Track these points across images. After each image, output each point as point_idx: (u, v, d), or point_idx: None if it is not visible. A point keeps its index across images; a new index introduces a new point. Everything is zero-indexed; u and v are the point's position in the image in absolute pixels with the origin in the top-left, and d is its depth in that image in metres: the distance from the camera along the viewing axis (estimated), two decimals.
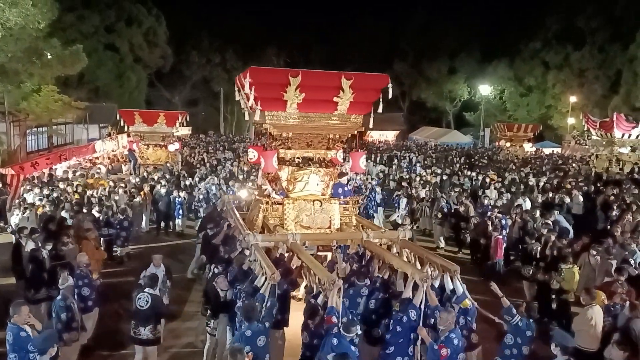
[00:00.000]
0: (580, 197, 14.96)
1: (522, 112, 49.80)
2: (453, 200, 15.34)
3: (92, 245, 9.86)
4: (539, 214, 12.88)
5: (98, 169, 20.86)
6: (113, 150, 25.91)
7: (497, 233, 11.55)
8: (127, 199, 14.40)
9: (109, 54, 39.01)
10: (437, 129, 51.77)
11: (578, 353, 6.09)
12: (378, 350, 6.18)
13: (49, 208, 12.77)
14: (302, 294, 7.81)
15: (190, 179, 18.78)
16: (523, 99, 50.14)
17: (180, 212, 15.30)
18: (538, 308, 6.58)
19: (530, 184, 18.55)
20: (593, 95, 43.57)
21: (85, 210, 12.42)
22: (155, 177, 18.14)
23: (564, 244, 10.36)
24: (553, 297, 8.24)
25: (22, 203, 13.21)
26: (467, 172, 22.79)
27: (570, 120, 43.77)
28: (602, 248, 9.84)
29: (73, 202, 13.28)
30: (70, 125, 33.11)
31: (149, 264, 8.34)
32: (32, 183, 16.02)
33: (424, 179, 20.16)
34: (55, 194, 14.28)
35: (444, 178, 20.63)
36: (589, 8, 42.83)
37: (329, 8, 57.45)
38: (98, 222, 12.06)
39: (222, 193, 15.80)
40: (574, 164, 27.57)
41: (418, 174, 22.88)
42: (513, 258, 11.87)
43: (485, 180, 19.51)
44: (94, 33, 37.75)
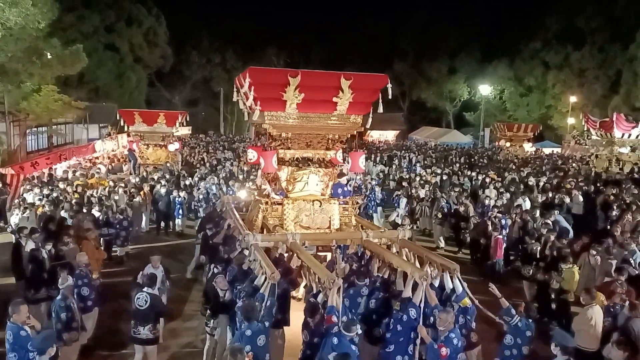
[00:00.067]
0: (580, 197, 14.95)
1: (522, 112, 49.80)
2: (453, 200, 15.34)
3: (92, 245, 9.85)
4: (539, 214, 12.91)
5: (98, 169, 20.84)
6: (113, 150, 25.92)
7: (497, 233, 11.55)
8: (127, 199, 14.41)
9: (109, 54, 39.03)
10: (437, 129, 51.71)
11: (578, 353, 6.09)
12: (378, 350, 6.19)
13: (49, 208, 12.76)
14: (301, 294, 7.81)
15: (190, 179, 18.79)
16: (523, 99, 50.13)
17: (180, 212, 15.31)
18: (538, 308, 6.59)
19: (530, 184, 18.54)
20: (593, 95, 43.56)
21: (85, 210, 12.43)
22: (155, 177, 18.16)
23: (564, 244, 10.37)
24: (553, 297, 8.24)
25: (22, 203, 13.22)
26: (467, 172, 22.81)
27: (570, 120, 43.76)
28: (602, 248, 9.83)
29: (73, 202, 13.28)
30: (70, 125, 33.10)
31: (148, 264, 8.32)
32: (32, 183, 16.02)
33: (424, 179, 20.13)
34: (55, 194, 14.30)
35: (444, 178, 20.63)
36: (589, 8, 42.81)
37: (329, 8, 57.61)
38: (98, 222, 12.05)
39: (222, 193, 15.82)
40: (574, 164, 27.54)
41: (418, 174, 22.85)
42: (513, 258, 11.86)
43: (485, 180, 19.51)
44: (94, 33, 37.77)
